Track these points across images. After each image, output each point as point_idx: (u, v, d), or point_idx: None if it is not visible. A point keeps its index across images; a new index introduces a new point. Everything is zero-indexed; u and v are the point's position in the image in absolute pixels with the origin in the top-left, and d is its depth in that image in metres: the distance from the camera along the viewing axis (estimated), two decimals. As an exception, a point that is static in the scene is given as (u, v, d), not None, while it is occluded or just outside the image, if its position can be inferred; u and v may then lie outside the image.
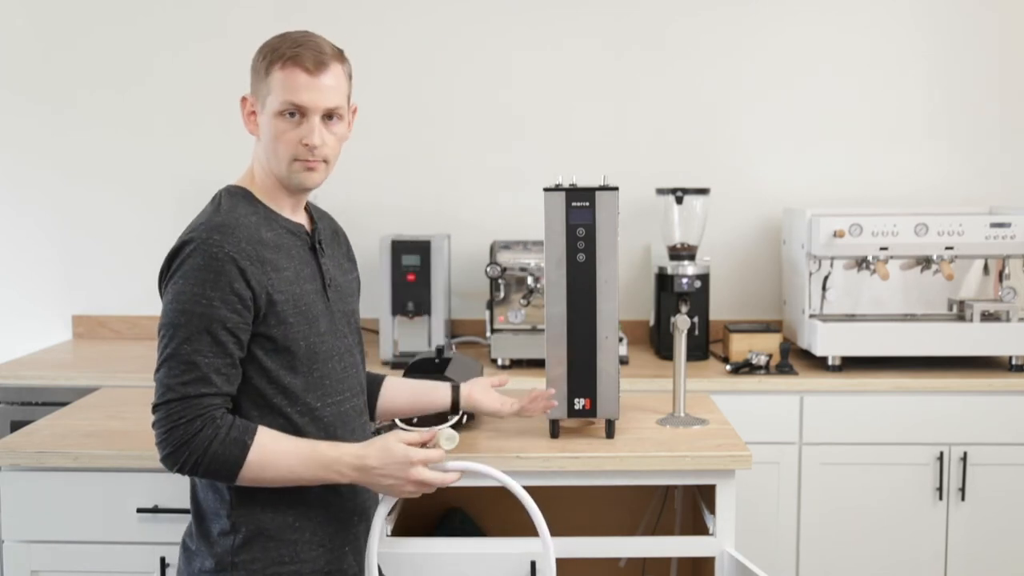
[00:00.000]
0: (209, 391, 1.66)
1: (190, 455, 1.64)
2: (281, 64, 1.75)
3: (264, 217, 1.78)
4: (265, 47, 1.79)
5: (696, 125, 3.66)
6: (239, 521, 1.73)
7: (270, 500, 1.74)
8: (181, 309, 1.66)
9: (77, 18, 3.70)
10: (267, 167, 1.80)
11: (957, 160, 3.65)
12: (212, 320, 1.66)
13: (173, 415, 1.64)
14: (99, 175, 3.74)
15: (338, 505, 1.81)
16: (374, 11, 3.66)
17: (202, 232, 1.69)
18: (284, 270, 1.75)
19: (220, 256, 1.67)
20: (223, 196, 1.79)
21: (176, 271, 1.69)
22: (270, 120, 1.76)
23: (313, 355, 1.77)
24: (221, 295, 1.66)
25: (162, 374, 1.67)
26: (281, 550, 1.75)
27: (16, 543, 2.26)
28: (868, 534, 3.11)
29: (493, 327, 3.27)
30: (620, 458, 2.20)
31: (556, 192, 2.25)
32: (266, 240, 1.74)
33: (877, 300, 3.29)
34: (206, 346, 1.66)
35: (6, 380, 3.16)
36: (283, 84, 1.74)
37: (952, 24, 3.62)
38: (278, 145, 1.76)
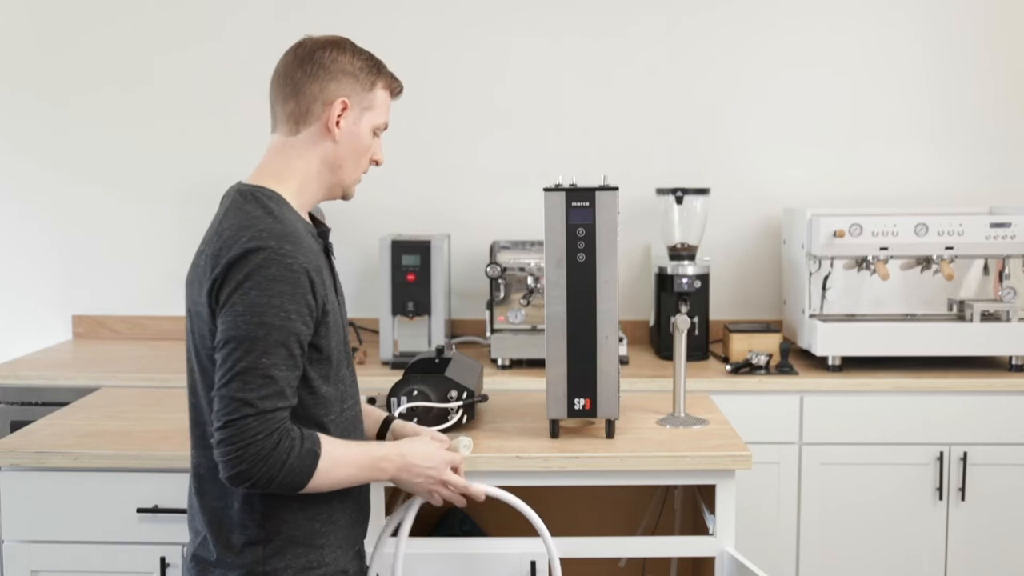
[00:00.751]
0: (283, 405, 1.63)
1: (267, 470, 1.61)
2: (386, 85, 1.83)
3: (301, 224, 1.75)
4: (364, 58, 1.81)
5: (696, 125, 3.66)
6: (271, 531, 1.73)
7: (300, 508, 1.74)
8: (259, 322, 1.60)
9: (77, 18, 3.70)
10: (330, 172, 1.79)
11: (957, 160, 3.65)
12: (290, 333, 1.62)
13: (250, 431, 1.59)
14: (99, 175, 3.74)
15: (355, 509, 1.84)
16: (374, 11, 3.66)
17: (271, 241, 1.63)
18: (326, 279, 1.74)
19: (295, 268, 1.63)
20: (261, 198, 1.72)
21: (246, 281, 1.61)
22: (365, 134, 1.80)
23: (339, 361, 1.78)
24: (297, 308, 1.63)
25: (233, 388, 1.60)
26: (310, 555, 1.76)
27: (16, 543, 2.26)
28: (868, 534, 3.11)
29: (493, 327, 3.27)
30: (620, 458, 2.20)
31: (556, 192, 2.25)
32: (314, 248, 1.74)
33: (877, 300, 3.29)
34: (282, 360, 1.62)
35: (6, 380, 3.16)
36: (387, 105, 1.83)
37: (952, 24, 3.62)
38: (363, 159, 1.82)
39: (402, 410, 2.26)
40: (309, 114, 1.77)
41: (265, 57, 3.76)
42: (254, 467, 1.60)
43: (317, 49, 1.79)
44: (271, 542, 1.73)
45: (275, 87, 1.83)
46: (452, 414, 2.30)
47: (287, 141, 1.79)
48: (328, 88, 1.77)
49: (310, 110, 1.77)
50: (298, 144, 1.78)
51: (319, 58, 1.78)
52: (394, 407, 2.27)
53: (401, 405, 2.27)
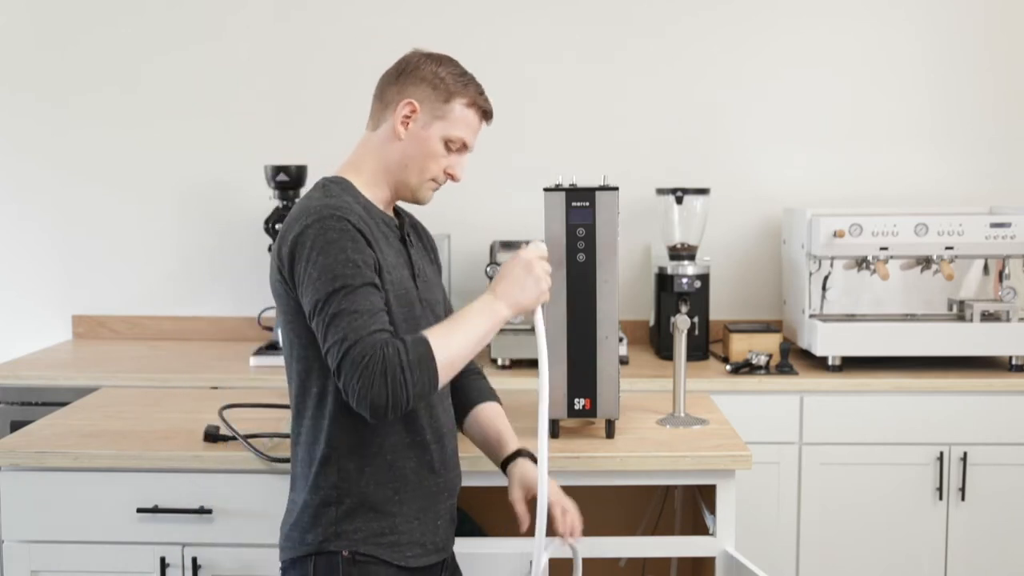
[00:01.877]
0: (376, 328, 1.68)
1: (392, 382, 1.65)
2: (469, 103, 1.89)
3: (364, 207, 1.84)
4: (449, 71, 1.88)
5: (696, 125, 3.66)
6: (344, 492, 1.80)
7: (374, 475, 1.81)
8: (332, 276, 1.69)
9: (77, 18, 3.70)
10: (396, 170, 1.88)
11: (957, 160, 3.65)
12: (363, 279, 1.71)
13: (358, 357, 1.65)
14: (99, 175, 3.74)
15: (431, 481, 1.88)
16: (374, 11, 3.66)
17: (321, 211, 1.74)
18: (386, 253, 1.81)
19: (346, 227, 1.73)
20: (329, 184, 1.85)
21: (311, 250, 1.72)
22: (433, 141, 1.86)
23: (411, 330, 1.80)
24: (363, 259, 1.72)
25: (331, 337, 1.67)
26: (382, 522, 1.82)
27: (16, 543, 2.26)
28: (868, 534, 3.11)
29: (493, 327, 3.26)
30: (620, 458, 2.20)
31: (556, 192, 2.25)
32: (369, 224, 1.80)
33: (877, 300, 3.29)
34: (362, 298, 1.69)
35: (6, 380, 3.16)
36: (466, 122, 1.89)
37: (952, 24, 3.62)
38: (430, 164, 1.87)
39: None
40: (385, 112, 1.88)
41: (265, 57, 3.78)
42: (378, 388, 1.64)
43: (412, 59, 1.90)
44: (342, 504, 1.80)
45: (377, 87, 1.93)
46: None
47: (368, 136, 1.91)
48: (405, 91, 1.86)
49: (386, 109, 1.88)
50: (374, 140, 1.90)
51: (409, 66, 1.88)
52: None
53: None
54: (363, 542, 1.81)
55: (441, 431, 1.91)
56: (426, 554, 1.88)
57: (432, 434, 1.88)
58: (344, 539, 1.80)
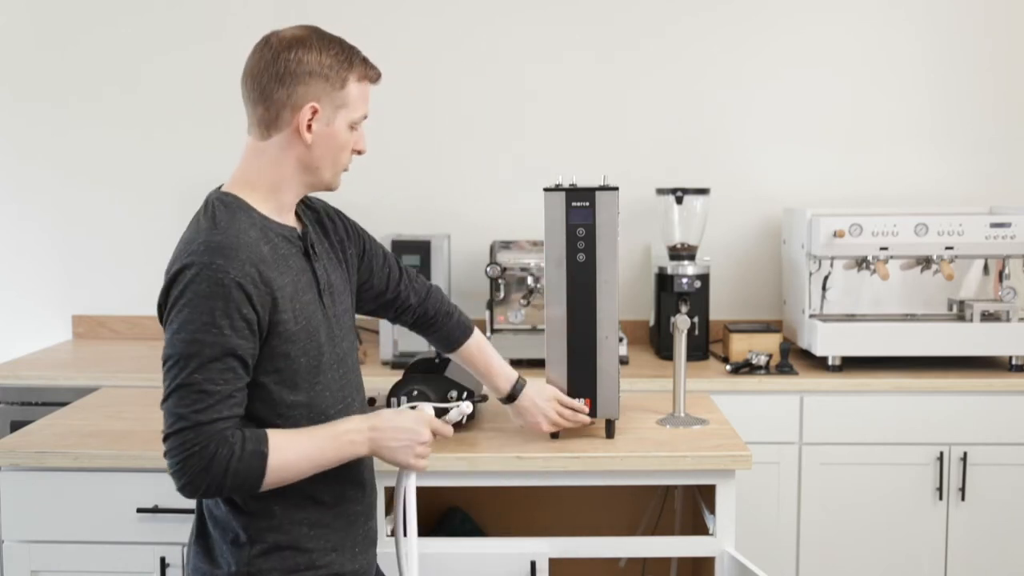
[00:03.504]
0: (221, 416, 1.60)
1: (211, 480, 1.60)
2: (359, 77, 1.75)
3: (261, 228, 1.70)
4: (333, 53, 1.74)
5: (696, 125, 3.66)
6: (256, 533, 1.72)
7: (287, 513, 1.73)
8: (191, 339, 1.59)
9: (77, 18, 3.70)
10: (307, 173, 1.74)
11: (957, 160, 3.65)
12: (224, 348, 1.60)
13: (188, 443, 1.58)
14: (99, 175, 3.74)
15: (350, 510, 1.81)
16: (374, 11, 3.66)
17: (203, 256, 1.61)
18: (285, 287, 1.69)
19: (226, 282, 1.60)
20: (216, 207, 1.70)
21: (179, 299, 1.61)
22: (341, 132, 1.74)
23: (314, 369, 1.73)
24: (231, 322, 1.60)
25: (171, 403, 1.60)
26: (297, 559, 1.74)
27: (16, 543, 2.26)
28: (868, 534, 3.11)
29: (493, 327, 3.27)
30: (620, 458, 2.20)
31: (556, 192, 2.25)
32: (266, 256, 1.67)
33: (877, 300, 3.29)
34: (217, 374, 1.60)
35: (6, 380, 3.16)
36: (362, 97, 1.76)
37: (952, 24, 3.62)
38: (342, 155, 1.76)
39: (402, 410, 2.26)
40: (279, 120, 1.71)
41: (265, 57, 3.76)
42: (197, 478, 1.59)
43: (283, 50, 1.72)
44: (255, 544, 1.72)
45: (244, 88, 1.75)
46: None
47: (259, 146, 1.74)
48: (296, 93, 1.70)
49: (280, 116, 1.71)
50: (270, 149, 1.73)
51: (284, 60, 1.70)
52: (393, 406, 2.27)
53: (401, 405, 2.26)
54: None
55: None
56: None
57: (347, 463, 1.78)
58: None
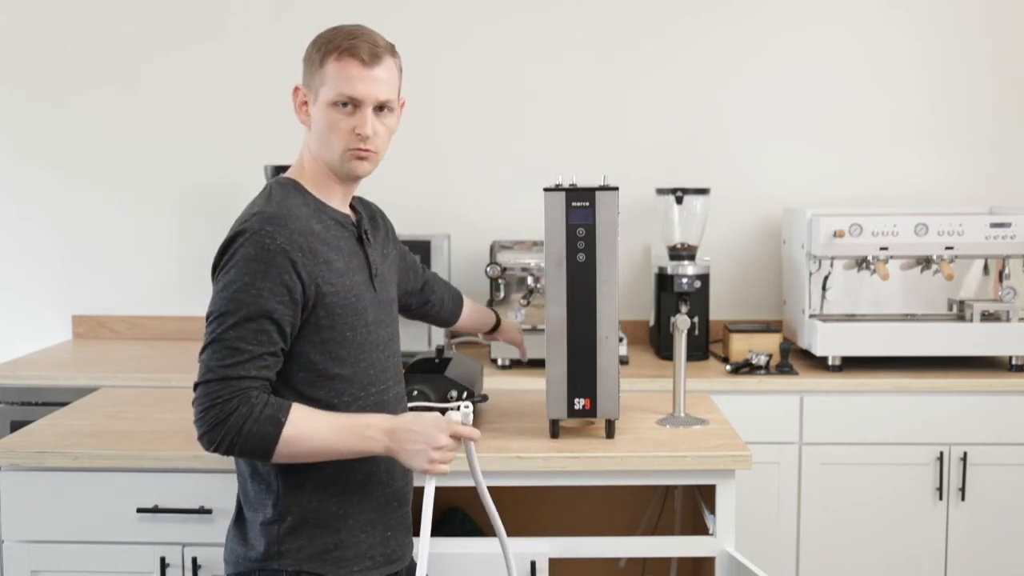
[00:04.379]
0: (248, 375, 1.67)
1: (225, 434, 1.65)
2: (336, 55, 1.79)
3: (314, 209, 1.80)
4: (319, 39, 1.83)
5: (696, 125, 3.66)
6: (285, 510, 1.77)
7: (315, 490, 1.77)
8: (230, 297, 1.68)
9: (77, 18, 3.70)
10: (319, 157, 1.82)
11: (957, 160, 3.65)
12: (260, 310, 1.67)
13: (212, 394, 1.65)
14: (99, 175, 3.74)
15: (379, 492, 1.84)
16: (374, 11, 3.66)
17: (255, 223, 1.71)
18: (335, 262, 1.77)
19: (272, 248, 1.69)
20: (274, 187, 1.81)
21: (228, 261, 1.70)
22: (324, 110, 1.79)
23: (360, 345, 1.80)
24: (271, 286, 1.68)
25: (206, 356, 1.68)
26: (326, 538, 1.78)
27: (16, 543, 2.26)
28: (868, 534, 3.11)
29: (493, 327, 3.26)
30: (620, 458, 2.20)
31: (556, 192, 2.25)
32: (317, 232, 1.76)
33: (877, 300, 3.29)
34: (251, 334, 1.67)
35: (6, 380, 3.16)
36: (338, 75, 1.78)
37: (952, 24, 3.62)
38: (331, 135, 1.79)
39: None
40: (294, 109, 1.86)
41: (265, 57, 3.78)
42: (213, 430, 1.65)
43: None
44: (284, 521, 1.76)
45: None
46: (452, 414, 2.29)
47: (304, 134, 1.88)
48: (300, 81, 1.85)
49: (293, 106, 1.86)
50: (304, 136, 1.87)
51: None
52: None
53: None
54: (307, 560, 1.77)
55: None
56: (376, 567, 1.84)
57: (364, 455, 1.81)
58: (288, 557, 1.77)
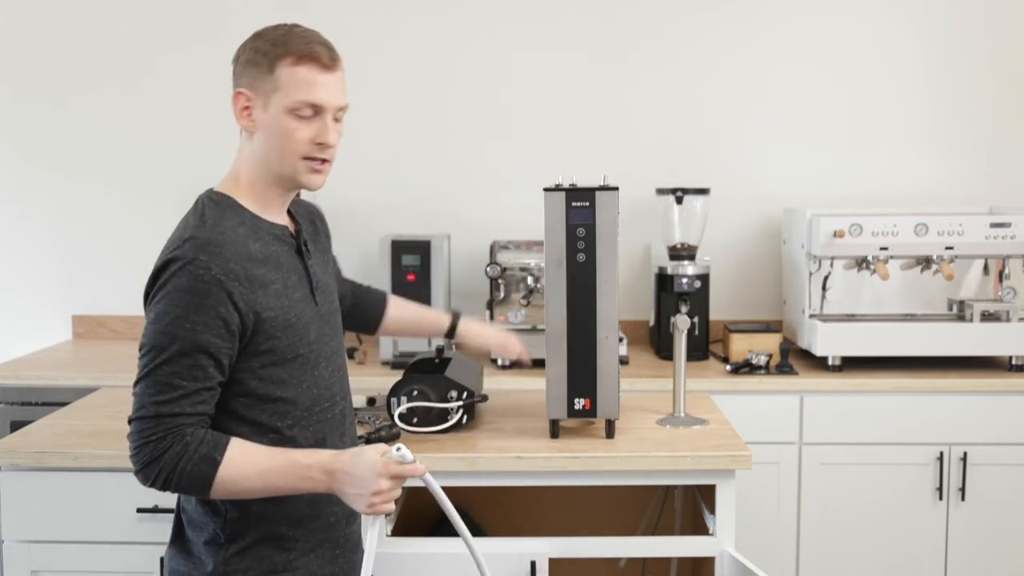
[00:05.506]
0: (183, 411, 1.61)
1: (160, 472, 1.60)
2: (294, 60, 1.69)
3: (251, 227, 1.71)
4: (265, 40, 1.72)
5: (696, 125, 3.66)
6: (234, 532, 1.71)
7: (264, 513, 1.71)
8: (162, 331, 1.61)
9: (77, 18, 3.70)
10: (266, 166, 1.73)
11: (957, 160, 3.65)
12: (195, 344, 1.60)
13: (145, 432, 1.61)
14: (99, 175, 3.74)
15: (328, 511, 1.78)
16: (374, 10, 3.66)
17: (187, 250, 1.62)
18: (273, 283, 1.69)
19: (207, 279, 1.61)
20: (206, 205, 1.72)
21: (160, 290, 1.63)
22: (278, 118, 1.69)
23: (303, 366, 1.72)
24: (205, 319, 1.60)
25: (139, 390, 1.63)
26: (275, 558, 1.73)
27: (16, 543, 2.26)
28: (868, 534, 3.11)
29: (493, 327, 3.26)
30: (620, 458, 2.20)
31: (556, 192, 2.25)
32: (254, 254, 1.68)
33: (877, 300, 3.29)
34: (185, 369, 1.61)
35: (6, 380, 3.16)
36: (297, 81, 1.69)
37: (952, 24, 3.62)
38: (288, 143, 1.70)
39: (402, 410, 2.27)
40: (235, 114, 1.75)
41: (265, 57, 3.75)
42: (148, 468, 1.61)
43: (240, 48, 1.77)
44: (234, 542, 1.71)
45: None
46: (452, 414, 2.30)
47: (239, 143, 1.78)
48: (237, 84, 1.74)
49: (233, 110, 1.75)
50: (241, 145, 1.77)
51: (237, 56, 1.76)
52: (394, 408, 2.27)
53: (401, 405, 2.27)
54: None
55: None
56: None
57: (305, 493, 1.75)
58: None
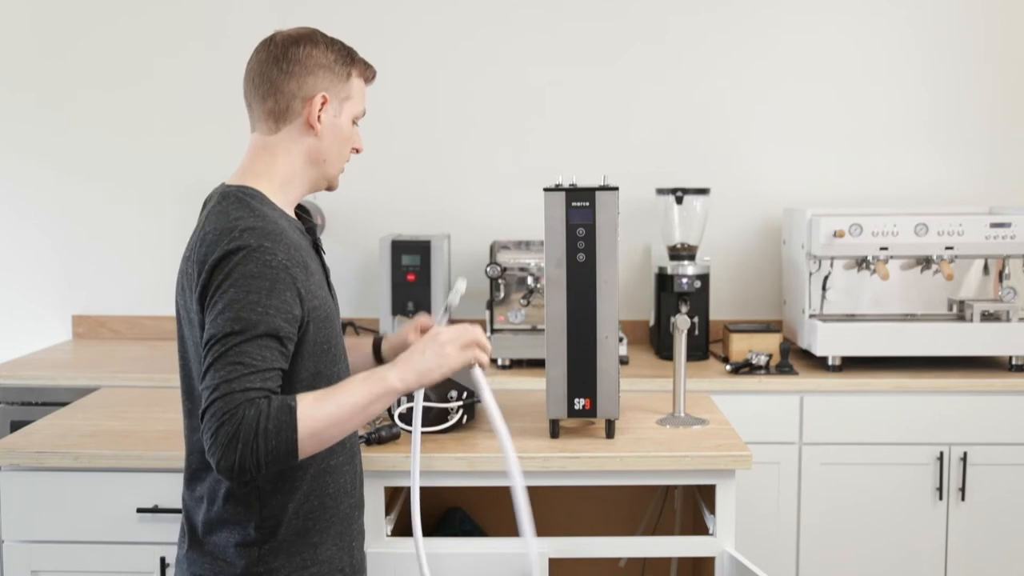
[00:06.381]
0: (252, 386, 1.57)
1: (244, 447, 1.54)
2: (360, 73, 1.84)
3: (285, 220, 1.75)
4: (338, 50, 1.81)
5: (696, 125, 3.66)
6: (269, 531, 1.72)
7: (296, 510, 1.73)
8: (235, 317, 1.59)
9: (77, 18, 3.70)
10: (316, 166, 1.79)
11: (957, 160, 3.66)
12: (267, 328, 1.60)
13: (217, 413, 1.55)
14: (99, 175, 3.74)
15: (346, 503, 1.82)
16: (374, 11, 3.66)
17: (250, 239, 1.63)
18: (315, 274, 1.74)
19: (274, 264, 1.63)
20: (241, 198, 1.71)
21: (225, 280, 1.61)
22: (347, 125, 1.81)
23: (335, 357, 1.77)
24: (276, 304, 1.61)
25: (208, 378, 1.58)
26: (304, 554, 1.75)
27: (16, 543, 2.26)
28: (868, 534, 3.11)
29: (493, 327, 3.27)
30: (620, 458, 2.20)
31: (556, 192, 2.25)
32: (300, 245, 1.73)
33: (877, 300, 3.29)
34: (255, 350, 1.59)
35: (6, 380, 3.16)
36: (362, 94, 1.84)
37: (951, 25, 3.62)
38: (346, 148, 1.82)
39: (402, 410, 2.27)
40: (289, 111, 1.76)
41: (265, 57, 3.75)
42: (230, 447, 1.54)
43: (290, 45, 1.78)
44: (266, 543, 1.72)
45: (250, 86, 1.80)
46: (452, 414, 2.30)
47: (267, 141, 1.78)
48: (306, 84, 1.76)
49: (290, 107, 1.76)
50: (280, 142, 1.78)
51: (293, 54, 1.77)
52: (394, 407, 2.27)
53: (401, 405, 2.27)
54: None
55: (353, 450, 1.85)
56: None
57: (345, 455, 1.81)
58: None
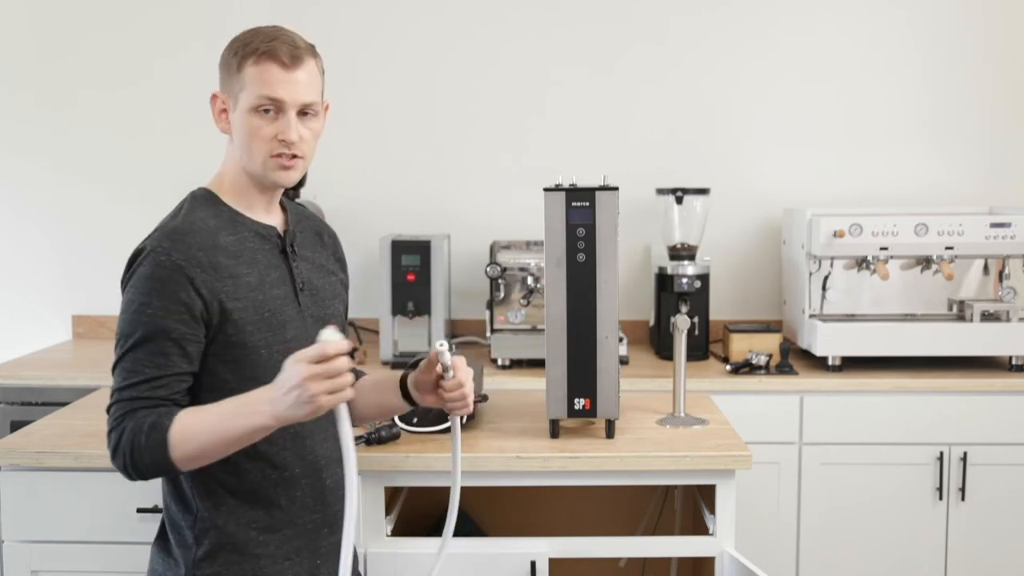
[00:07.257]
0: (140, 395, 1.61)
1: (124, 455, 1.60)
2: (255, 59, 1.71)
3: (228, 220, 1.73)
4: (235, 42, 1.76)
5: (696, 125, 3.66)
6: (202, 534, 1.71)
7: (233, 515, 1.71)
8: (128, 319, 1.64)
9: (77, 19, 3.70)
10: (240, 166, 1.75)
11: (957, 160, 3.66)
12: (156, 329, 1.62)
13: (110, 419, 1.63)
14: (99, 175, 3.74)
15: (306, 518, 1.76)
16: (374, 12, 3.66)
17: (154, 240, 1.68)
18: (245, 276, 1.70)
19: (167, 264, 1.64)
20: (187, 200, 1.77)
21: (127, 280, 1.69)
22: (244, 117, 1.71)
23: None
24: (166, 304, 1.62)
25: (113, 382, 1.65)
26: (243, 564, 1.71)
27: (16, 543, 2.26)
28: (868, 534, 3.11)
29: (493, 327, 3.27)
30: (620, 458, 2.20)
31: (556, 192, 2.25)
32: (224, 245, 1.69)
33: (877, 300, 3.29)
34: (148, 356, 1.62)
35: (6, 380, 3.16)
36: (258, 79, 1.70)
37: (951, 25, 3.62)
38: (253, 142, 1.71)
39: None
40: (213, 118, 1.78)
41: (265, 57, 3.74)
42: (116, 455, 1.61)
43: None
44: (201, 546, 1.70)
45: None
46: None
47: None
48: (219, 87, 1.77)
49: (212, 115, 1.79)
50: (228, 144, 1.79)
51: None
52: None
53: None
54: None
55: (317, 464, 1.77)
56: None
57: (304, 468, 1.75)
58: None
